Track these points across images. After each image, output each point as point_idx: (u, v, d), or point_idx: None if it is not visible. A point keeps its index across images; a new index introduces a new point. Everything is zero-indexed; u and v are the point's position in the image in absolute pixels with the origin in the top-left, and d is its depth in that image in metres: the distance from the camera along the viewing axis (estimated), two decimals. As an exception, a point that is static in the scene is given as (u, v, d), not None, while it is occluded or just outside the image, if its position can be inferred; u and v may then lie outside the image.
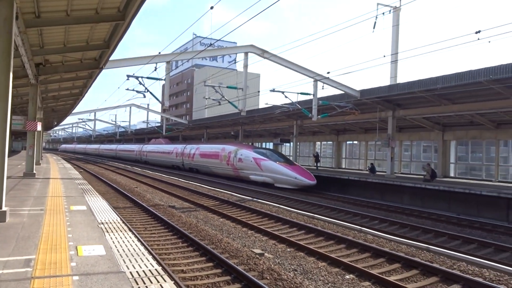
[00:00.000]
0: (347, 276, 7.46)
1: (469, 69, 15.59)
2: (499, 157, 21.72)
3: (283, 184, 23.12)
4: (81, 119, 63.26)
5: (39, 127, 16.68)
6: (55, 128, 79.06)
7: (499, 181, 20.99)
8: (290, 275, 7.09)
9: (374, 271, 7.68)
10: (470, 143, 23.93)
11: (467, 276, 7.36)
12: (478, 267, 8.01)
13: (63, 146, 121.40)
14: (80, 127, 75.36)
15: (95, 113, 55.12)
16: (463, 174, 24.06)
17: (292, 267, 7.88)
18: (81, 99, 28.78)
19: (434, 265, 8.04)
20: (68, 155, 78.34)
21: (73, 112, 41.18)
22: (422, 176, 21.16)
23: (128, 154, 58.01)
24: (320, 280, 7.18)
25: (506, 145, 22.51)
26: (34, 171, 17.31)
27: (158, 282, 4.46)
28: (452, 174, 23.92)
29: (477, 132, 22.03)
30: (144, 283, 4.38)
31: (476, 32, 11.76)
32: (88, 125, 66.71)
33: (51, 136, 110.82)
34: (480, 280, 7.18)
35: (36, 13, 10.65)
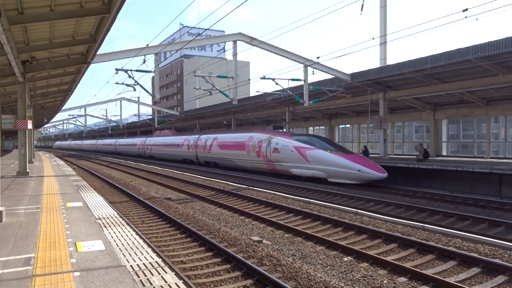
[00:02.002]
0: (345, 259, 7.57)
1: (457, 48, 15.63)
2: (490, 133, 21.95)
3: (342, 178, 18.77)
4: (72, 115, 62.77)
5: (29, 125, 16.53)
6: (45, 126, 78.39)
7: (491, 157, 21.25)
8: (289, 260, 7.17)
9: (372, 252, 7.80)
10: (461, 121, 24.14)
11: (463, 252, 7.50)
12: (473, 242, 8.16)
13: (58, 143, 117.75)
14: (71, 123, 74.73)
15: (85, 108, 54.76)
16: (456, 152, 24.31)
17: (291, 252, 7.96)
18: (70, 95, 28.51)
19: (430, 243, 8.17)
20: (62, 152, 77.81)
21: (63, 108, 40.82)
22: (415, 156, 21.34)
23: (130, 148, 53.86)
24: (318, 263, 7.28)
25: (496, 122, 22.76)
26: (28, 170, 17.22)
27: (159, 274, 4.49)
28: (444, 153, 24.15)
29: (467, 110, 22.21)
30: (145, 276, 4.41)
31: (464, 10, 11.77)
32: (79, 121, 66.21)
33: (42, 133, 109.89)
34: (475, 255, 7.32)
35: (20, 9, 10.48)
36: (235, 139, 27.41)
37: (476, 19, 12.32)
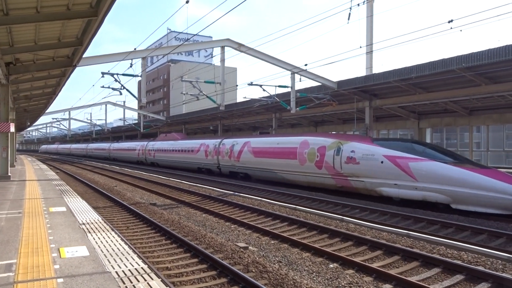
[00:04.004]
0: (331, 265, 7.58)
1: (442, 58, 15.92)
2: (473, 142, 22.38)
3: (480, 206, 12.68)
4: (55, 118, 61.84)
5: (12, 128, 16.25)
6: (28, 129, 77.07)
7: (473, 166, 21.58)
8: (275, 267, 7.16)
9: (357, 259, 7.84)
10: (444, 130, 24.59)
11: (447, 259, 7.59)
12: (456, 250, 8.27)
13: (44, 147, 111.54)
14: (54, 127, 73.52)
15: (69, 112, 53.95)
16: (439, 160, 24.67)
17: (277, 259, 7.95)
18: (54, 98, 28.13)
19: (415, 250, 8.25)
20: (44, 156, 76.42)
21: (46, 111, 40.20)
22: (400, 164, 21.47)
23: (127, 154, 48.03)
24: (304, 270, 7.28)
25: (478, 131, 23.25)
26: (9, 174, 16.88)
27: (145, 280, 4.44)
28: (428, 161, 24.46)
29: (451, 119, 22.60)
30: (131, 282, 4.35)
31: (449, 22, 12.01)
32: (63, 125, 65.22)
33: (24, 137, 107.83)
34: (459, 262, 7.42)
35: (5, 11, 10.34)
36: (279, 144, 21.60)
37: (460, 30, 12.59)
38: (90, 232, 6.81)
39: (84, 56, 15.40)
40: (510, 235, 9.80)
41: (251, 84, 22.20)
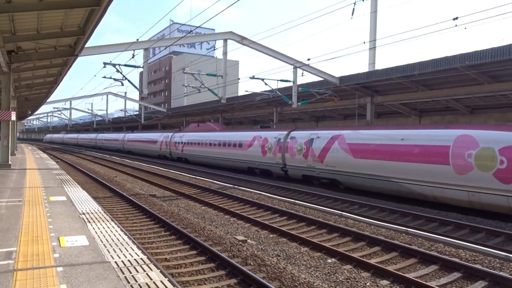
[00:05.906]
0: (329, 260, 7.61)
1: (445, 56, 15.87)
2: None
3: None
4: (56, 108, 61.80)
5: (13, 116, 16.25)
6: (29, 118, 77.04)
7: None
8: (273, 261, 7.18)
9: (355, 255, 7.86)
10: (445, 128, 24.45)
11: (444, 257, 7.61)
12: (454, 248, 8.29)
13: (49, 136, 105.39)
14: (55, 116, 73.45)
15: (70, 101, 53.95)
16: (439, 158, 24.55)
17: (275, 252, 7.98)
18: (56, 88, 28.08)
19: (413, 247, 8.28)
20: (44, 145, 76.41)
21: (47, 101, 40.14)
22: (400, 161, 21.30)
23: (146, 147, 41.93)
24: (303, 264, 7.31)
25: (480, 130, 23.11)
26: (10, 162, 16.90)
27: (144, 271, 4.46)
28: (428, 159, 24.39)
29: (452, 117, 22.55)
30: (130, 273, 4.37)
31: (454, 19, 11.95)
32: (64, 114, 65.18)
33: (25, 125, 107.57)
34: (457, 260, 7.44)
35: (7, -2, 10.28)
36: (406, 140, 14.85)
37: (465, 28, 12.53)
38: (90, 222, 6.83)
39: (86, 46, 15.35)
40: (508, 234, 9.82)
41: (253, 77, 22.14)
